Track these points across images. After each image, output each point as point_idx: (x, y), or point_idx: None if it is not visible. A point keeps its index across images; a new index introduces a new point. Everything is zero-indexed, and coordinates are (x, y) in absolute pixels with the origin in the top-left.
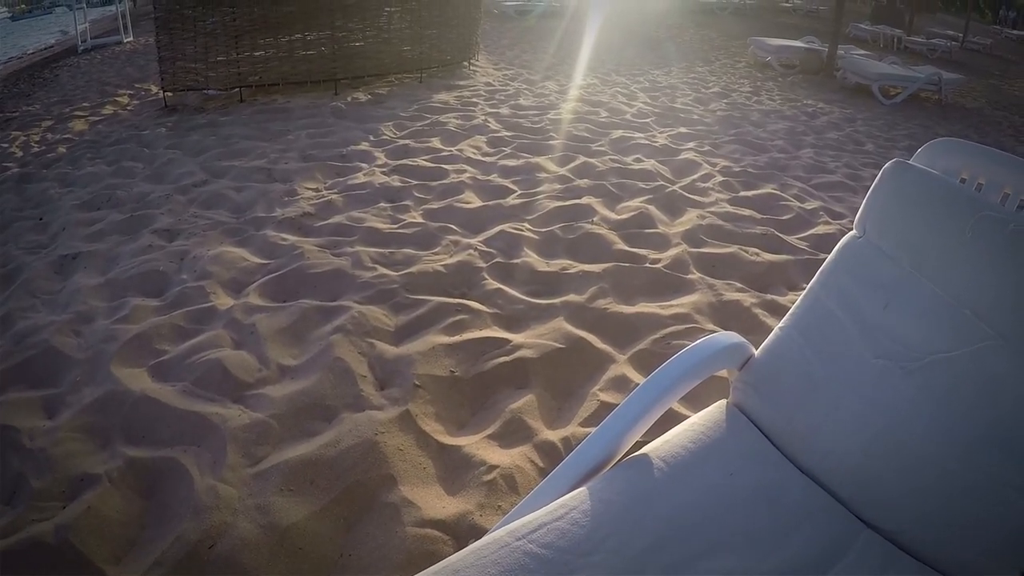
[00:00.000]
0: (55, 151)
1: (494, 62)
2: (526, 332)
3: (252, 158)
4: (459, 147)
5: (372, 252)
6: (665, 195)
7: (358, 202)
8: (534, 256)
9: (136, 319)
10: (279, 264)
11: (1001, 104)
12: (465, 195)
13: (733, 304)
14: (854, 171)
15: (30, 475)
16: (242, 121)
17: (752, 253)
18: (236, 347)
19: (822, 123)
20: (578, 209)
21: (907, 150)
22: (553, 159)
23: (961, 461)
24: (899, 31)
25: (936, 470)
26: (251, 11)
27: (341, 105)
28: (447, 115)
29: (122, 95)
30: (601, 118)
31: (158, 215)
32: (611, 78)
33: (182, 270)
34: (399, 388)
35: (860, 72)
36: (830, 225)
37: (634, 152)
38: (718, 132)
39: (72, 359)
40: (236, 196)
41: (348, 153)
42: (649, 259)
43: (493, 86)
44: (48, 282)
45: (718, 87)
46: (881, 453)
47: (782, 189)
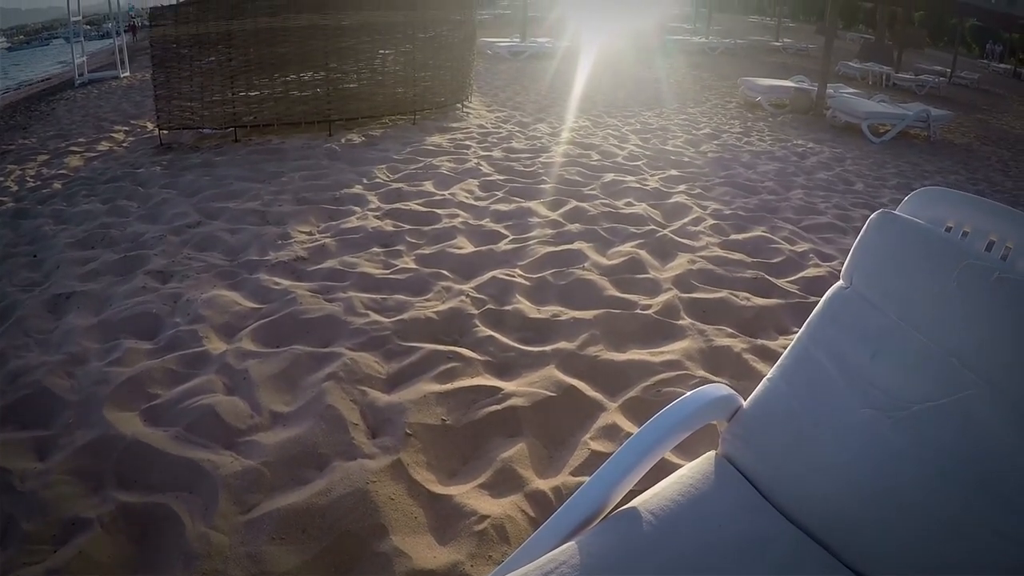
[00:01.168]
0: (50, 186)
1: (487, 103)
2: (517, 380)
3: (246, 200)
4: (452, 191)
5: (364, 298)
6: (656, 240)
7: (351, 246)
8: (525, 303)
9: (129, 362)
10: (272, 309)
11: (989, 138)
12: (457, 240)
13: (723, 350)
14: (844, 212)
15: (21, 518)
16: (236, 161)
17: (742, 298)
18: (229, 393)
19: (812, 163)
20: (569, 255)
21: (896, 188)
22: (545, 203)
23: (950, 508)
24: (888, 68)
25: (925, 518)
26: (247, 51)
27: (335, 147)
28: (440, 158)
29: (118, 131)
30: (593, 161)
31: (152, 256)
32: (603, 120)
33: (175, 313)
34: (391, 436)
35: (849, 111)
36: (820, 268)
37: (625, 196)
38: (709, 174)
39: (64, 401)
40: (230, 238)
41: (341, 196)
42: (640, 305)
43: (486, 128)
44: (41, 321)
45: (709, 128)
46: (870, 502)
47: (772, 232)
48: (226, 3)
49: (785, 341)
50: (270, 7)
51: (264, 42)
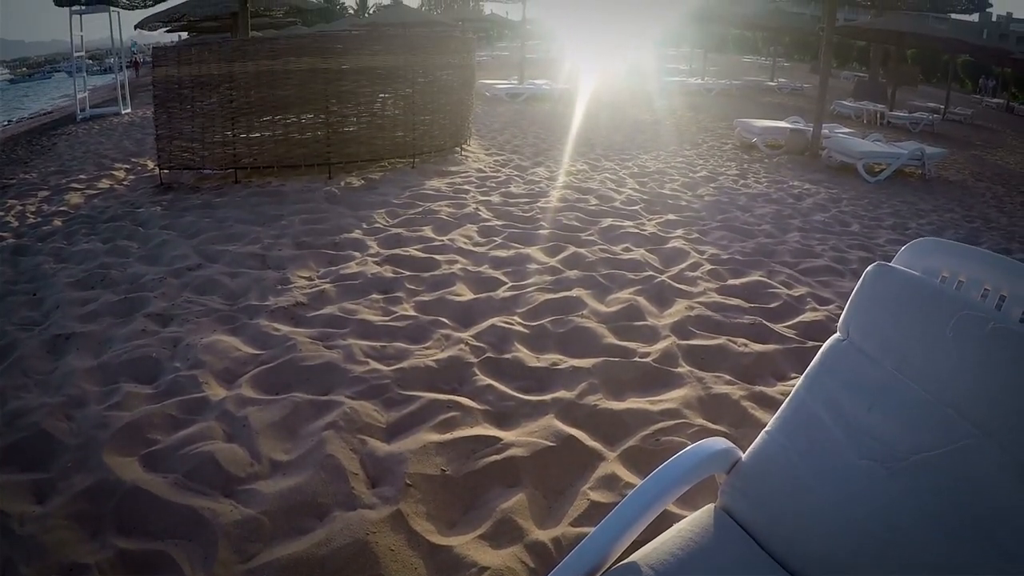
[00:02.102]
0: (51, 223)
1: (485, 147)
2: (516, 430)
3: (246, 243)
4: (450, 236)
5: (364, 345)
6: (654, 286)
7: (351, 292)
8: (524, 351)
9: (128, 406)
10: (272, 355)
11: (983, 175)
12: (456, 287)
13: (722, 398)
14: (841, 254)
15: (20, 562)
16: (236, 203)
17: (740, 344)
18: (228, 440)
19: (808, 205)
20: (568, 302)
21: (892, 229)
22: (543, 249)
23: (947, 557)
24: (882, 107)
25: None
26: (248, 93)
27: (335, 190)
28: (439, 203)
29: (118, 169)
30: (591, 206)
31: (151, 298)
32: (600, 163)
33: (175, 357)
34: (390, 486)
35: (845, 151)
36: (817, 312)
37: (623, 241)
38: (706, 218)
39: (64, 444)
40: (230, 282)
41: (341, 241)
42: (638, 353)
43: (484, 172)
44: (41, 361)
45: (705, 171)
46: (869, 553)
47: (769, 276)
48: (228, 45)
49: (783, 387)
50: (271, 50)
51: (265, 84)
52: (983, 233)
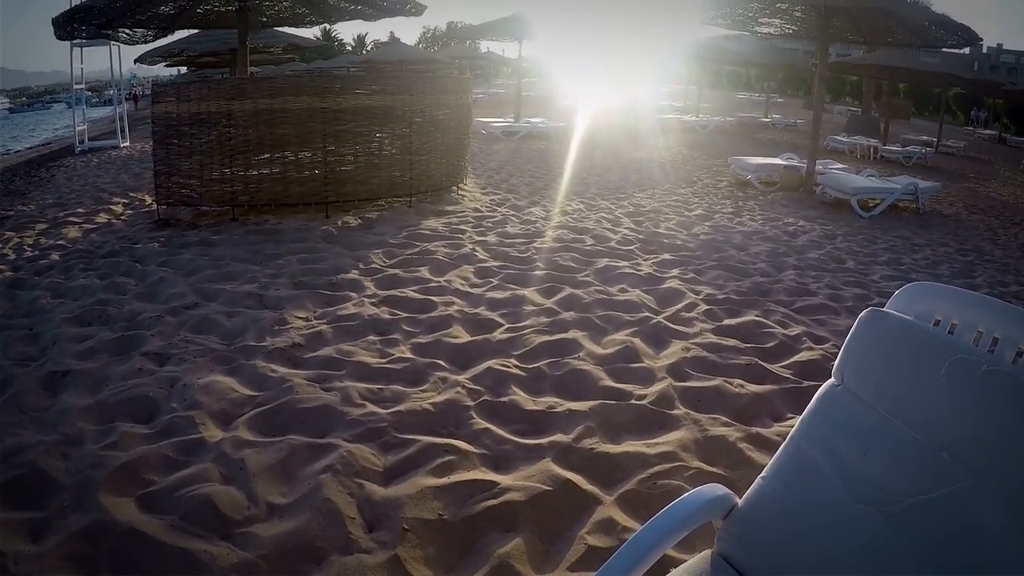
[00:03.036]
0: (48, 257)
1: (482, 186)
2: (513, 474)
3: (243, 282)
4: (447, 278)
5: (361, 388)
6: (650, 327)
7: (347, 334)
8: (521, 394)
9: (125, 446)
10: (269, 397)
11: (977, 207)
12: (453, 329)
13: (718, 440)
14: (836, 291)
15: None
16: (234, 241)
17: (736, 385)
18: (225, 482)
19: (803, 242)
20: (564, 344)
21: (887, 264)
22: (540, 291)
23: None
24: (875, 141)
25: None
26: (246, 131)
27: (332, 229)
28: (436, 243)
29: (116, 203)
30: (587, 246)
31: (148, 337)
32: (596, 202)
33: (172, 398)
34: (388, 531)
35: (838, 187)
36: (813, 351)
37: (619, 282)
38: (702, 257)
39: (59, 483)
40: (227, 322)
41: (338, 281)
42: (635, 395)
43: (481, 212)
44: (37, 398)
45: (701, 209)
46: None
47: (765, 315)
48: (227, 83)
49: (780, 428)
50: (270, 89)
51: (263, 123)
52: (977, 266)
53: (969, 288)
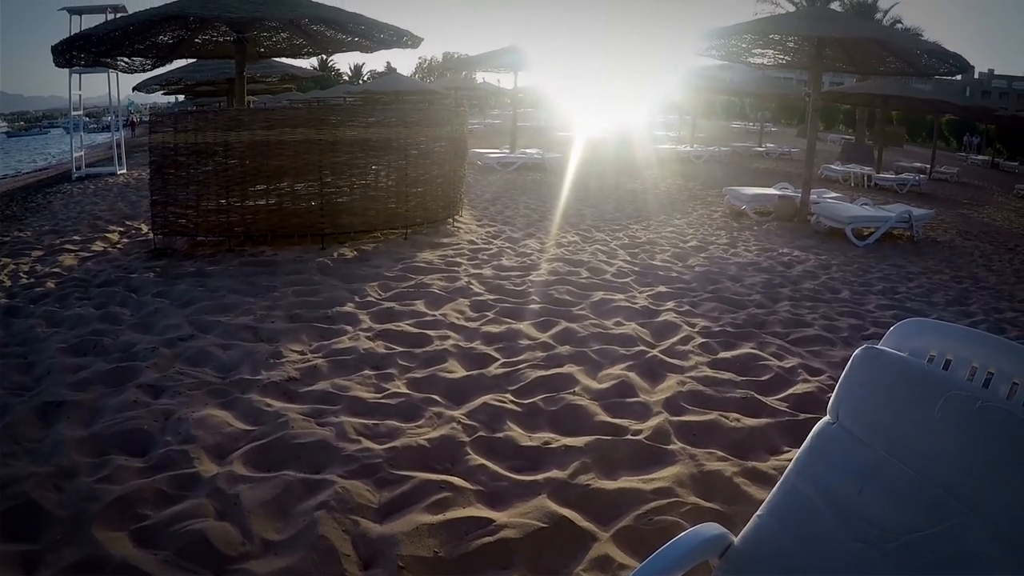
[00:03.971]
0: (43, 285)
1: (477, 217)
2: (509, 510)
3: (239, 314)
4: (443, 311)
5: (356, 423)
6: (645, 361)
7: (343, 368)
8: (517, 430)
9: (119, 479)
10: (264, 431)
11: (971, 233)
12: (448, 363)
13: (714, 475)
14: (831, 322)
15: None
16: (230, 272)
17: (732, 419)
18: (219, 517)
19: (798, 273)
20: (560, 379)
21: (882, 294)
22: (535, 324)
23: None
24: (869, 169)
25: None
26: (243, 162)
27: (328, 261)
28: (431, 276)
29: (112, 232)
30: (582, 279)
31: (143, 368)
32: (591, 234)
33: (166, 431)
34: (383, 569)
35: (833, 216)
36: (809, 383)
37: (615, 315)
38: (697, 289)
39: (53, 516)
40: (222, 355)
41: (333, 315)
42: (630, 430)
43: (476, 244)
44: (31, 428)
45: (696, 240)
46: None
47: (760, 348)
48: (225, 114)
49: (776, 462)
50: (267, 120)
51: (260, 154)
52: (972, 293)
53: (964, 315)
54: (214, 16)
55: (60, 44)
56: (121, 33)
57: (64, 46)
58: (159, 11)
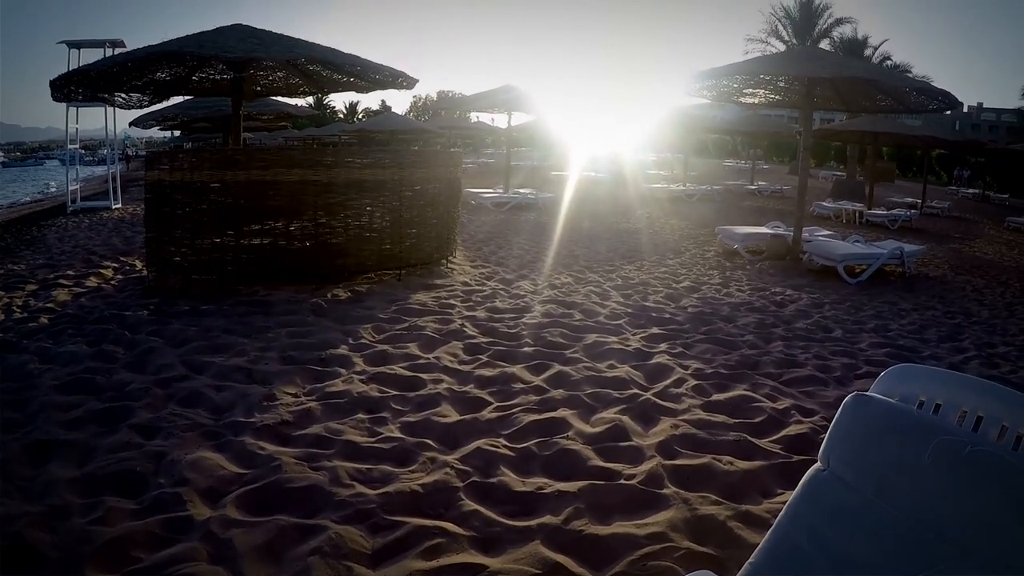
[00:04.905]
0: (37, 320)
1: (471, 258)
2: (503, 557)
3: (232, 355)
4: (436, 354)
5: (349, 468)
6: (639, 404)
7: (336, 412)
8: (510, 474)
9: (112, 521)
10: (257, 475)
11: (963, 268)
12: (442, 407)
13: (708, 519)
14: (824, 362)
15: None
16: (224, 311)
17: (726, 462)
18: (213, 562)
19: (791, 312)
20: (553, 423)
21: (874, 332)
22: (528, 368)
23: None
24: (860, 205)
25: None
26: (238, 202)
27: (322, 302)
28: (425, 318)
29: (107, 267)
30: (575, 321)
31: (137, 408)
32: (584, 275)
33: (159, 473)
34: None
35: (825, 254)
36: (802, 424)
37: (608, 358)
38: (690, 331)
39: (45, 556)
40: (215, 396)
41: (327, 357)
42: (624, 475)
43: (470, 286)
44: (23, 467)
45: (688, 280)
46: None
47: (753, 389)
48: (220, 154)
49: (770, 505)
50: (262, 161)
51: (255, 194)
52: (965, 329)
53: (957, 351)
54: (212, 55)
55: (58, 79)
56: (119, 70)
57: (62, 81)
58: (157, 49)
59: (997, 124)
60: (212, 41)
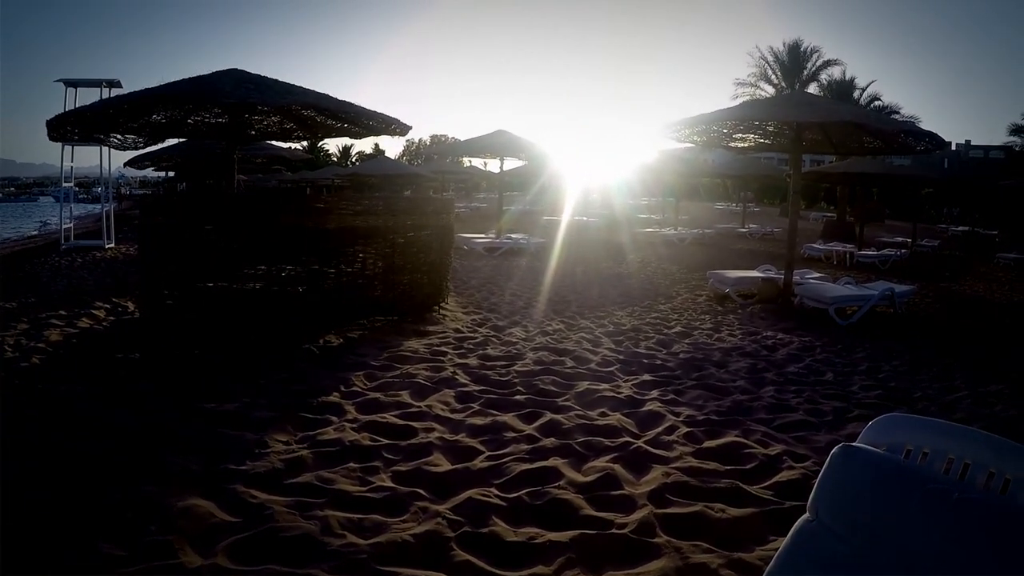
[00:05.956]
0: (29, 360)
1: (463, 304)
2: None
3: (224, 401)
4: (428, 402)
5: (341, 517)
6: (630, 452)
7: (328, 460)
8: (502, 524)
9: (104, 568)
10: (248, 524)
11: (954, 306)
12: (434, 456)
13: (701, 567)
14: (815, 406)
15: None
16: (215, 357)
17: (717, 510)
18: None
19: (782, 356)
20: (545, 472)
21: (866, 374)
22: (520, 416)
23: None
24: (851, 246)
25: None
26: (231, 247)
27: (314, 349)
28: (417, 365)
29: (99, 308)
30: (567, 368)
31: (128, 453)
32: (576, 321)
33: (151, 520)
34: None
35: (816, 297)
36: (794, 470)
37: (599, 406)
38: (681, 377)
39: None
40: (206, 442)
41: (319, 404)
42: (615, 524)
43: (462, 332)
44: None
45: (680, 326)
46: None
47: (745, 435)
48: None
49: (763, 552)
50: (256, 208)
51: (250, 239)
52: (956, 368)
53: (949, 391)
54: (208, 99)
55: (55, 119)
56: (115, 111)
57: (58, 121)
58: (153, 92)
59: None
60: (208, 85)
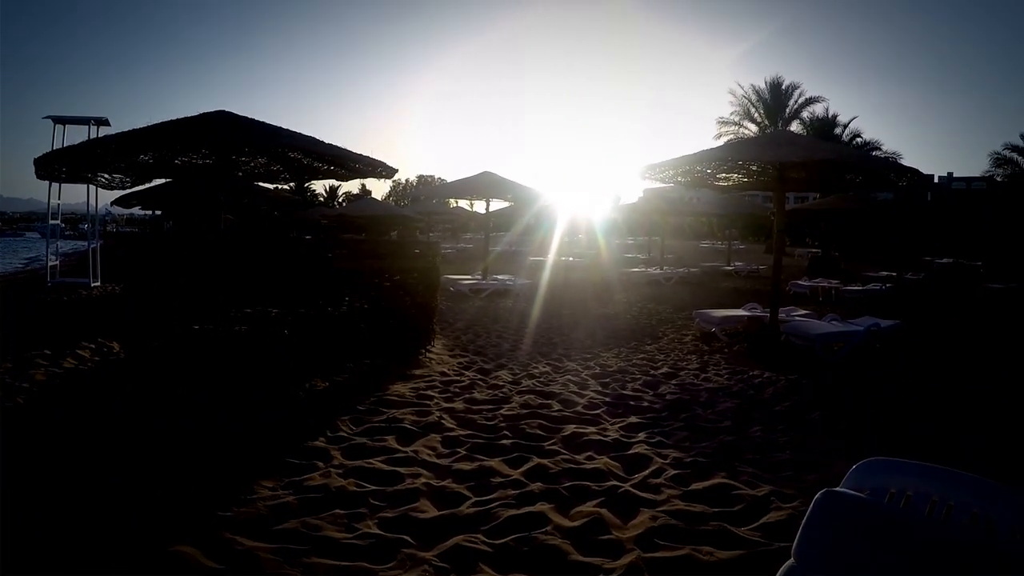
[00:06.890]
0: (13, 400)
1: (449, 347)
2: None
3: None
4: (414, 448)
5: (327, 564)
6: (618, 496)
7: (313, 507)
8: (488, 571)
9: None
10: (233, 572)
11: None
12: (420, 503)
13: None
14: (802, 445)
15: None
16: (200, 400)
17: (705, 553)
18: None
19: (768, 395)
20: (532, 518)
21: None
22: (507, 461)
23: None
24: (836, 282)
25: None
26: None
27: (299, 393)
28: (403, 410)
29: (84, 349)
30: (553, 412)
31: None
32: (563, 363)
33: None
34: None
35: (802, 334)
36: (781, 511)
37: (586, 449)
38: (668, 419)
39: None
40: (191, 488)
41: (304, 450)
42: (603, 569)
43: (448, 376)
44: None
45: (666, 366)
46: None
47: (732, 476)
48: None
49: None
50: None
51: (235, 282)
52: (944, 400)
53: (939, 424)
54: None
55: (42, 158)
56: (102, 151)
57: (46, 159)
58: (141, 133)
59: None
60: (196, 126)
